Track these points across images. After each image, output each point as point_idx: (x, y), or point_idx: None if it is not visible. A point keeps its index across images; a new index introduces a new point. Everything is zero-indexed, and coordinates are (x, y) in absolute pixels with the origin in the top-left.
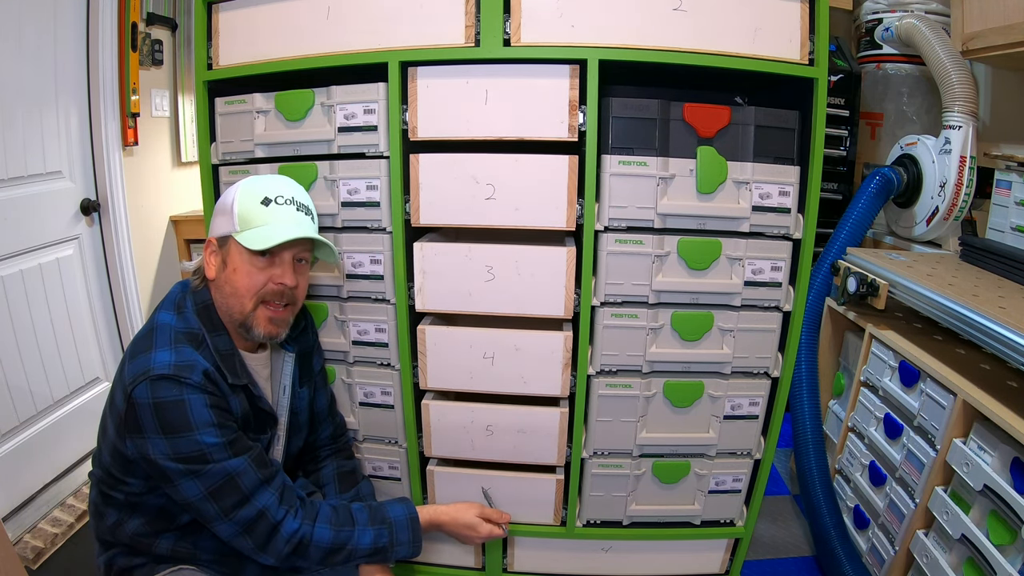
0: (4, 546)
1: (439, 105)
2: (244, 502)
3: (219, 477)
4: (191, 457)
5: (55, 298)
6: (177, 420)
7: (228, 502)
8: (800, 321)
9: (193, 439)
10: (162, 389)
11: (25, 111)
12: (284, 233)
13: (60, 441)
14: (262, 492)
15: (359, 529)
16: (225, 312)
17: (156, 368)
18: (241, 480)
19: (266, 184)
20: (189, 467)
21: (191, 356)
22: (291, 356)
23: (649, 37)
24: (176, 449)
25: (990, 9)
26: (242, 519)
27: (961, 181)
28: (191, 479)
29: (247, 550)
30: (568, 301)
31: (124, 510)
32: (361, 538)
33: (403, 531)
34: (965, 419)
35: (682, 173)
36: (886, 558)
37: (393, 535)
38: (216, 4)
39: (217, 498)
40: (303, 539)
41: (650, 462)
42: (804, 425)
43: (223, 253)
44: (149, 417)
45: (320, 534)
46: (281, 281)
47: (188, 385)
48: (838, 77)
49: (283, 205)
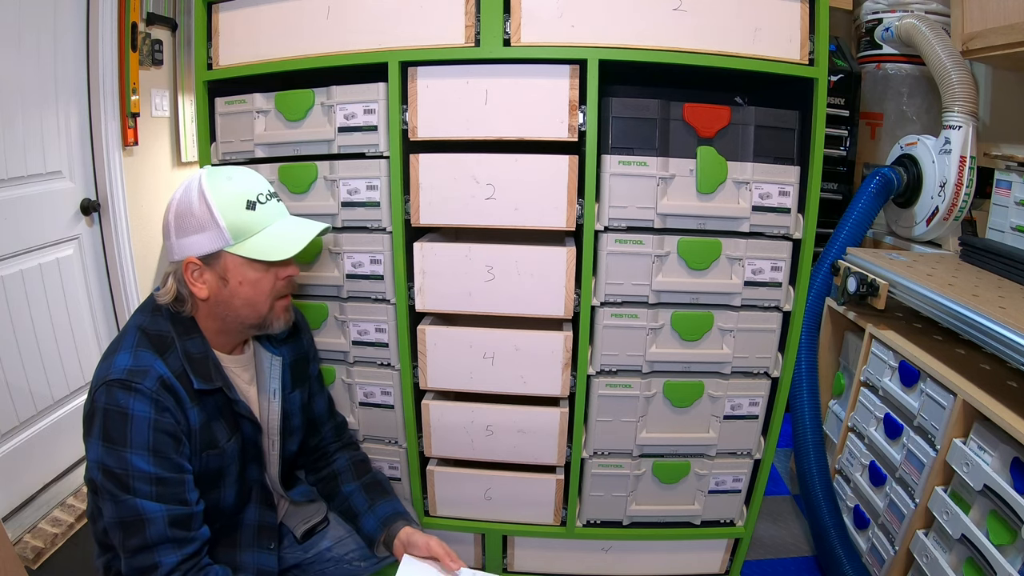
0: (4, 546)
1: (439, 105)
2: (143, 548)
3: (130, 512)
4: (115, 475)
5: (55, 298)
6: (115, 431)
7: (131, 542)
8: (800, 321)
9: (123, 455)
10: (114, 394)
11: (25, 111)
12: (296, 237)
13: (60, 441)
14: (165, 550)
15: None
16: (234, 320)
17: (113, 373)
18: (148, 528)
19: (231, 185)
20: (109, 485)
21: (148, 361)
22: (279, 360)
23: (649, 37)
24: (104, 460)
25: (990, 9)
26: (136, 564)
27: (961, 181)
28: (109, 501)
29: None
30: (568, 301)
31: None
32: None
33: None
34: (965, 419)
35: (682, 173)
36: (886, 558)
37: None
38: (216, 4)
39: (123, 531)
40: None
41: (650, 462)
42: (804, 425)
43: (217, 270)
44: (98, 420)
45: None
46: (288, 274)
47: (137, 391)
48: (838, 77)
49: (266, 203)
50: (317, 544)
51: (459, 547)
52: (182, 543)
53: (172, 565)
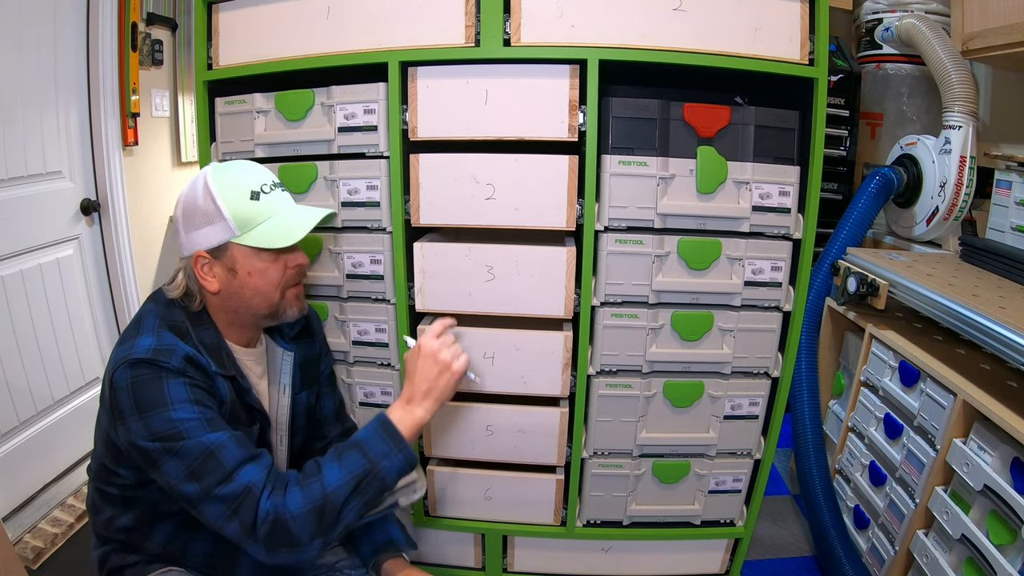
0: (4, 546)
1: (439, 105)
2: (227, 478)
3: (198, 453)
4: (166, 435)
5: (55, 298)
6: (151, 399)
7: (210, 479)
8: (800, 321)
9: (167, 416)
10: (139, 371)
11: (25, 111)
12: (301, 222)
13: (60, 441)
14: (247, 468)
15: (325, 472)
16: (247, 312)
17: (136, 353)
18: (222, 455)
19: (235, 177)
20: (166, 445)
21: (172, 342)
22: (290, 356)
23: (649, 37)
24: (151, 428)
25: (990, 9)
26: (226, 496)
27: (961, 181)
28: (171, 458)
29: (237, 537)
30: (568, 301)
31: (118, 505)
32: (330, 478)
33: (376, 442)
34: (965, 419)
35: (682, 173)
36: (886, 558)
37: (367, 454)
38: (216, 4)
39: (199, 476)
40: (277, 515)
41: (650, 462)
42: (804, 425)
43: (225, 262)
44: (127, 399)
45: (291, 501)
46: (297, 263)
47: (166, 369)
48: (838, 77)
49: (271, 193)
50: None
51: (459, 547)
52: (257, 458)
53: (262, 480)
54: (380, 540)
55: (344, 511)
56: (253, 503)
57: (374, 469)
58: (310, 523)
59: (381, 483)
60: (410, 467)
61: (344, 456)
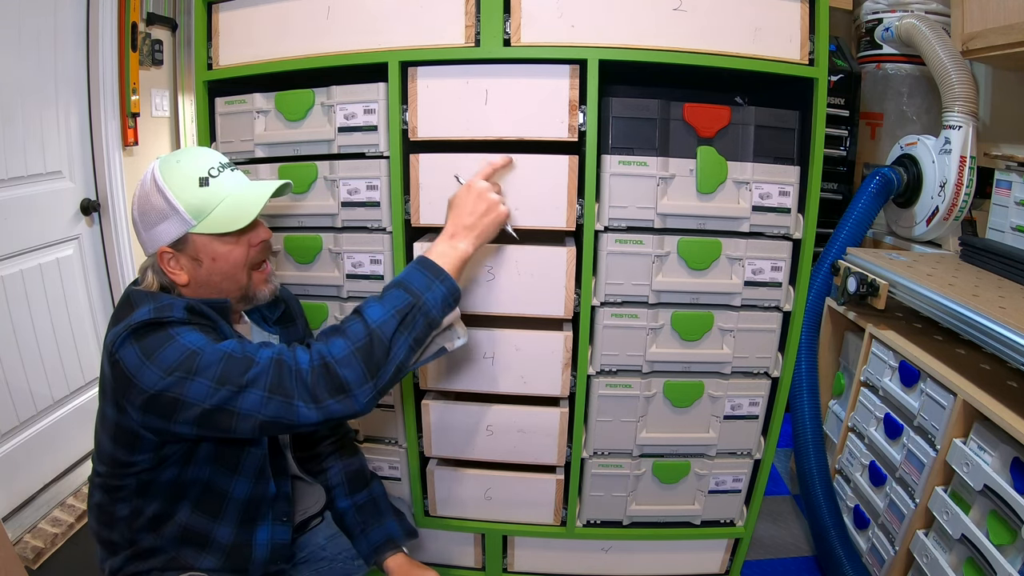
0: (4, 546)
1: (439, 105)
2: (251, 364)
3: (216, 361)
4: (180, 362)
5: (55, 298)
6: (157, 342)
7: (235, 374)
8: (800, 321)
9: (175, 345)
10: (142, 331)
11: (25, 111)
12: (253, 200)
13: (60, 441)
14: (264, 350)
15: (367, 310)
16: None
17: (135, 320)
18: (240, 351)
19: (182, 167)
20: (184, 371)
21: (169, 299)
22: (275, 338)
23: (649, 37)
24: (164, 364)
25: (990, 9)
26: (257, 376)
27: (961, 181)
28: (192, 381)
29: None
30: (568, 301)
31: (136, 497)
32: (373, 314)
33: (416, 277)
34: (965, 419)
35: (682, 173)
36: (886, 558)
37: (408, 288)
38: (216, 4)
39: (225, 380)
40: (323, 360)
41: (650, 462)
42: (804, 425)
43: (188, 253)
44: (132, 357)
45: (334, 346)
46: (260, 240)
47: (170, 321)
48: (838, 77)
49: (219, 175)
50: (311, 542)
51: (459, 547)
52: (270, 344)
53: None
54: (378, 538)
55: (393, 347)
56: (285, 367)
57: (417, 302)
58: (359, 363)
59: (426, 316)
60: (453, 298)
61: (385, 295)
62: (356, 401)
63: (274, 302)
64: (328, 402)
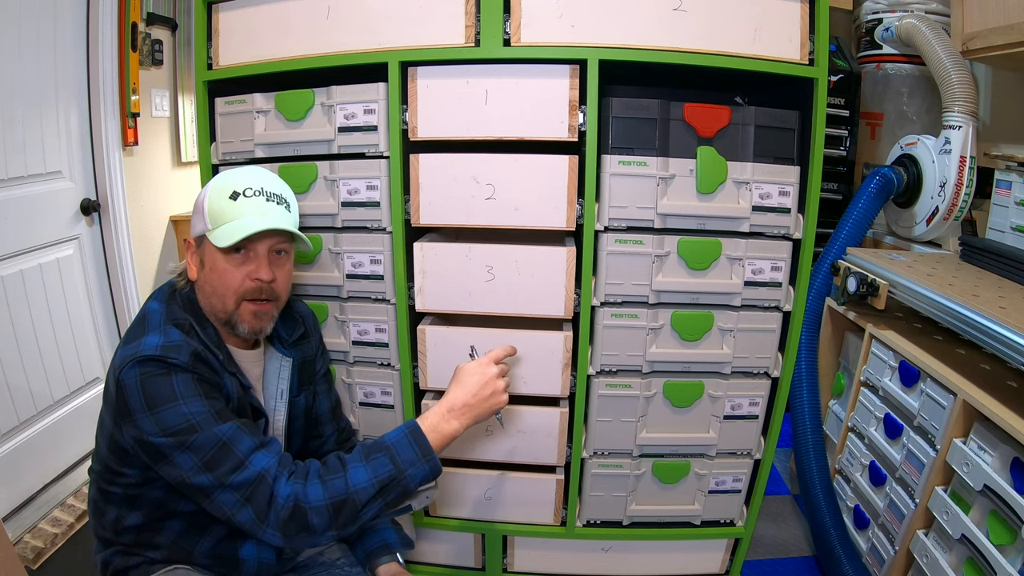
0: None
1: (439, 105)
2: (240, 466)
3: (211, 445)
4: (178, 430)
5: (55, 298)
6: (161, 395)
7: (223, 468)
8: (800, 321)
9: (178, 410)
10: (148, 368)
11: (25, 111)
12: (248, 227)
13: (60, 441)
14: (259, 455)
15: (351, 470)
16: (209, 311)
17: (144, 350)
18: (234, 445)
19: (236, 177)
20: (179, 439)
21: (179, 338)
22: (288, 362)
23: (649, 37)
24: (162, 423)
25: (990, 9)
26: (240, 484)
27: (961, 181)
28: (183, 452)
29: (250, 523)
30: (568, 301)
31: (123, 505)
32: (355, 478)
33: (405, 449)
34: (965, 419)
35: (682, 173)
36: (886, 558)
37: (395, 459)
38: (216, 4)
39: (212, 467)
40: (297, 502)
41: (650, 462)
42: (804, 425)
43: (200, 253)
44: (136, 396)
45: (312, 492)
46: (257, 276)
47: (175, 366)
48: (838, 77)
49: (252, 197)
50: None
51: (459, 547)
52: (268, 445)
53: (274, 467)
54: (373, 544)
55: (364, 511)
56: (267, 489)
57: (400, 476)
58: (328, 516)
59: (403, 488)
60: (434, 476)
61: (372, 458)
62: (316, 540)
63: (292, 324)
64: (292, 537)
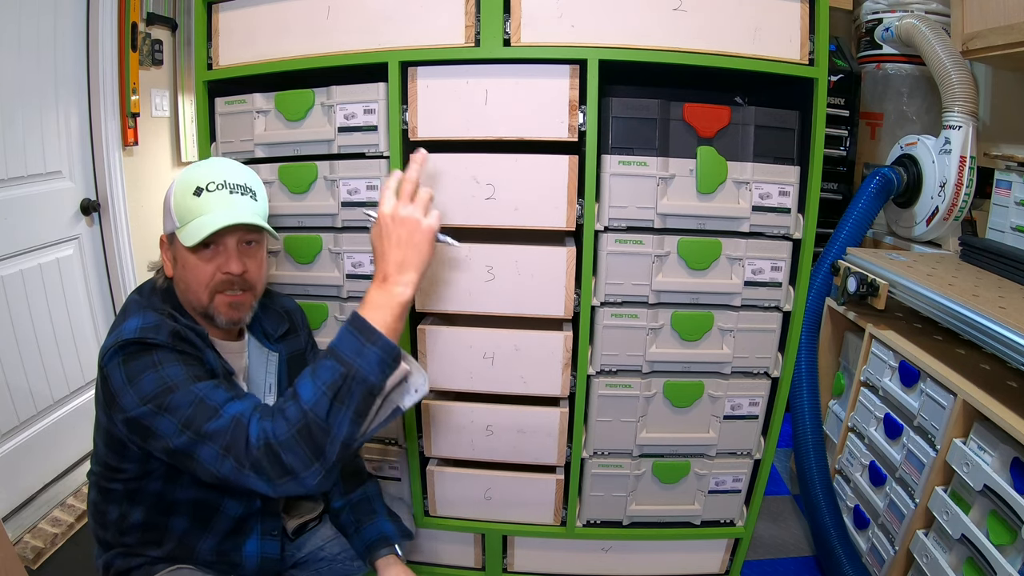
0: (4, 546)
1: (439, 105)
2: (215, 415)
3: (188, 402)
4: (155, 393)
5: (55, 298)
6: (140, 367)
7: (200, 421)
8: (800, 321)
9: (154, 375)
10: (129, 349)
11: (25, 111)
12: (214, 223)
13: (60, 441)
14: (234, 403)
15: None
16: (188, 305)
17: (123, 335)
18: (209, 399)
19: (198, 172)
20: (156, 403)
21: (157, 319)
22: (275, 356)
23: (649, 37)
24: (141, 391)
25: (990, 9)
26: (217, 431)
27: (961, 181)
28: (162, 416)
29: (234, 475)
30: (568, 301)
31: (124, 502)
32: (305, 394)
33: (346, 342)
34: (965, 419)
35: (682, 173)
36: (886, 558)
37: (339, 357)
38: (216, 4)
39: (190, 425)
40: (267, 440)
41: (650, 462)
42: (804, 425)
43: (172, 250)
44: (119, 377)
45: (278, 427)
46: (227, 270)
47: (155, 344)
48: (838, 77)
49: (215, 191)
50: (309, 543)
51: (459, 547)
52: (243, 396)
53: (249, 410)
54: (371, 536)
55: (332, 426)
56: (243, 433)
57: (350, 371)
58: (300, 448)
59: (363, 384)
60: (391, 358)
61: (317, 368)
62: (304, 484)
63: (278, 320)
64: (277, 482)
